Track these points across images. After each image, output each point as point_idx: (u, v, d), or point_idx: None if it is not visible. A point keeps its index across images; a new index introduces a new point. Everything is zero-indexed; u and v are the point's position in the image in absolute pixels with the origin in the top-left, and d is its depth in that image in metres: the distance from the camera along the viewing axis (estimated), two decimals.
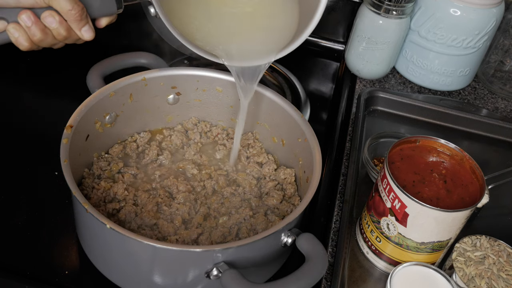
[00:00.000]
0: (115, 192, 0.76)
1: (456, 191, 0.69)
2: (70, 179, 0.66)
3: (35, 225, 0.77)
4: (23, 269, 0.72)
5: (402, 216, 0.68)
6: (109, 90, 0.79)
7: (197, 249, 0.62)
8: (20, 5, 0.63)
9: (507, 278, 0.69)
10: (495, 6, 1.00)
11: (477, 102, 1.11)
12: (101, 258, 0.71)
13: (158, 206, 0.76)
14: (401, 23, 1.03)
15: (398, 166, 0.71)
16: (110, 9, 0.71)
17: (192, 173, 0.82)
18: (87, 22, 0.69)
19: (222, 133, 0.90)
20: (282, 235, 0.67)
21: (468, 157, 0.71)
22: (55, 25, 0.66)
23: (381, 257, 0.75)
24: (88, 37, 0.70)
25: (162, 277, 0.66)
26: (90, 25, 0.70)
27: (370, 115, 1.04)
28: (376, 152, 0.93)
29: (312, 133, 0.78)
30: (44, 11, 0.65)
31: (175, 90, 0.86)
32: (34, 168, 0.85)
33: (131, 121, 0.86)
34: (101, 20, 0.72)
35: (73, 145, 0.71)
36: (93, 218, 0.62)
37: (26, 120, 0.94)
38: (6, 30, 0.65)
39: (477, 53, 1.06)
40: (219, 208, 0.78)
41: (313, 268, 0.61)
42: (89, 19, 0.69)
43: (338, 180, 0.87)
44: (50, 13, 0.65)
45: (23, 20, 0.64)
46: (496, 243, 0.73)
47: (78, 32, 0.68)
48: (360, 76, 1.11)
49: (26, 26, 0.65)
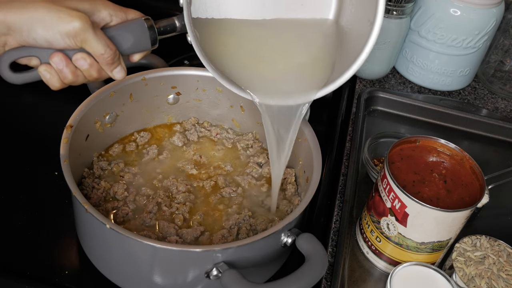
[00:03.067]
0: (115, 192, 0.76)
1: (456, 191, 0.69)
2: (70, 179, 0.66)
3: (35, 225, 0.77)
4: (23, 269, 0.72)
5: (402, 216, 0.68)
6: (109, 90, 0.79)
7: (197, 249, 0.62)
8: (52, 47, 0.62)
9: (507, 278, 0.69)
10: (495, 6, 1.00)
11: (477, 102, 1.11)
12: (101, 258, 0.71)
13: (158, 206, 0.76)
14: (401, 23, 1.03)
15: (398, 166, 0.71)
16: (144, 46, 0.68)
17: (191, 173, 0.82)
18: (119, 64, 0.67)
19: (221, 133, 0.90)
20: (282, 235, 0.67)
21: (468, 157, 0.71)
22: (86, 67, 0.64)
23: (381, 257, 0.75)
24: (120, 77, 0.68)
25: (162, 277, 0.66)
26: (122, 66, 0.67)
27: (370, 115, 1.04)
28: (376, 152, 0.93)
29: (312, 133, 0.78)
30: (76, 53, 0.63)
31: (175, 90, 0.86)
32: (34, 168, 0.85)
33: (131, 121, 0.86)
34: (135, 55, 0.70)
35: (73, 145, 0.71)
36: (93, 218, 0.62)
37: (26, 120, 0.94)
38: (38, 71, 0.64)
39: (477, 53, 1.06)
40: (219, 208, 0.78)
41: (313, 268, 0.61)
42: (121, 60, 0.67)
43: (338, 180, 0.87)
44: (82, 56, 0.63)
45: (55, 63, 0.63)
46: (496, 243, 0.73)
47: (109, 73, 0.67)
48: (360, 76, 1.11)
49: (58, 68, 0.64)
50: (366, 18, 0.67)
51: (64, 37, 0.61)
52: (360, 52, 0.67)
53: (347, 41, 0.72)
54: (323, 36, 0.75)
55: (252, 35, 0.74)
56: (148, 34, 0.67)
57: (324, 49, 0.74)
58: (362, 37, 0.67)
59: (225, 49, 0.72)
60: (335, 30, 0.74)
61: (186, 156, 0.85)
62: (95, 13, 0.64)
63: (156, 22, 0.68)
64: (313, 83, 0.71)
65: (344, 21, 0.73)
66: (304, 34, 0.75)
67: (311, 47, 0.74)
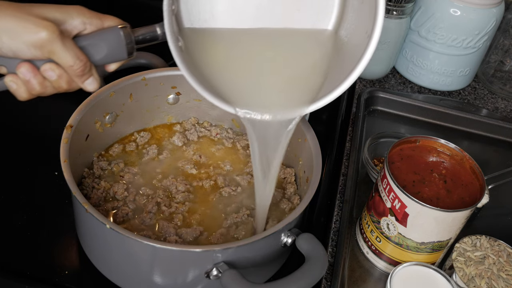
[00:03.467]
0: (115, 191, 0.76)
1: (456, 191, 0.69)
2: (70, 179, 0.66)
3: (35, 225, 0.77)
4: (23, 269, 0.71)
5: (402, 216, 0.68)
6: (109, 90, 0.79)
7: (197, 249, 0.62)
8: (19, 57, 0.58)
9: (507, 278, 0.69)
10: (495, 6, 1.00)
11: (477, 102, 1.11)
12: (101, 258, 0.71)
13: (157, 206, 0.76)
14: (401, 23, 1.03)
15: (398, 166, 0.71)
16: (119, 56, 0.63)
17: (191, 172, 0.82)
18: (90, 75, 0.62)
19: (221, 133, 0.90)
20: (282, 235, 0.67)
21: (468, 157, 0.71)
22: (55, 78, 0.60)
23: (381, 257, 0.75)
24: (92, 89, 0.64)
25: (162, 277, 0.66)
26: (94, 77, 0.63)
27: (370, 115, 1.04)
28: (376, 152, 0.93)
29: (312, 133, 0.78)
30: (44, 64, 0.59)
31: (175, 90, 0.86)
32: (34, 168, 0.85)
33: (131, 121, 0.86)
34: (111, 65, 0.65)
35: (73, 145, 0.71)
36: (93, 218, 0.62)
37: (26, 120, 0.94)
38: (4, 81, 0.60)
39: (477, 53, 1.06)
40: (218, 208, 0.78)
41: (313, 268, 0.61)
42: (93, 71, 0.62)
43: (338, 180, 0.87)
44: (50, 67, 0.59)
45: (21, 73, 0.59)
46: (496, 243, 0.73)
47: (80, 85, 0.63)
48: (360, 76, 1.11)
49: (25, 79, 0.60)
50: (364, 29, 0.63)
51: (30, 47, 0.57)
52: (355, 65, 0.62)
53: (343, 53, 0.68)
54: (320, 48, 0.71)
55: (242, 45, 0.70)
56: (124, 44, 0.62)
57: (319, 62, 0.70)
58: (358, 50, 0.63)
59: (213, 58, 0.68)
60: (333, 42, 0.70)
61: (186, 156, 0.85)
62: (67, 21, 0.60)
63: (134, 31, 0.63)
64: (304, 97, 0.66)
65: (343, 32, 0.70)
66: (299, 45, 0.71)
67: (305, 59, 0.71)
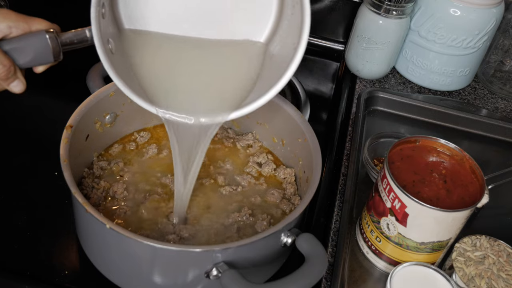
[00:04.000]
0: (114, 191, 0.76)
1: (456, 191, 0.69)
2: (70, 179, 0.66)
3: (35, 225, 0.77)
4: (23, 269, 0.72)
5: (402, 216, 0.68)
6: (109, 90, 0.79)
7: (196, 249, 0.62)
8: None
9: (507, 278, 0.69)
10: (495, 6, 1.00)
11: (477, 102, 1.11)
12: (101, 258, 0.71)
13: (156, 203, 0.76)
14: (401, 23, 1.03)
15: (398, 166, 0.71)
16: (45, 60, 0.63)
17: None
18: (15, 78, 0.62)
19: (221, 133, 0.90)
20: (282, 235, 0.67)
21: (468, 157, 0.71)
22: None
23: (381, 257, 0.75)
24: (18, 91, 0.64)
25: (162, 277, 0.66)
26: (20, 80, 0.63)
27: (370, 115, 1.04)
28: (376, 152, 0.93)
29: (312, 133, 0.78)
30: None
31: None
32: (34, 168, 0.85)
33: (131, 120, 0.86)
34: (38, 67, 0.65)
35: (73, 145, 0.71)
36: (93, 218, 0.62)
37: (26, 120, 0.94)
38: None
39: (477, 53, 1.06)
40: (219, 207, 0.78)
41: (313, 268, 0.61)
42: (18, 74, 0.62)
43: (338, 180, 0.87)
44: None
45: None
46: (496, 243, 0.73)
47: (6, 87, 0.63)
48: (360, 76, 1.11)
49: None
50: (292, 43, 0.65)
51: None
52: (279, 78, 0.65)
53: (272, 65, 0.70)
54: (248, 58, 0.73)
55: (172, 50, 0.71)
56: (50, 48, 0.62)
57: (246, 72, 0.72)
58: (285, 62, 0.65)
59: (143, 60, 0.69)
60: (263, 53, 0.72)
61: None
62: None
63: (62, 34, 0.64)
64: (226, 104, 0.68)
65: (274, 45, 0.72)
66: (229, 55, 0.73)
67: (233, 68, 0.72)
